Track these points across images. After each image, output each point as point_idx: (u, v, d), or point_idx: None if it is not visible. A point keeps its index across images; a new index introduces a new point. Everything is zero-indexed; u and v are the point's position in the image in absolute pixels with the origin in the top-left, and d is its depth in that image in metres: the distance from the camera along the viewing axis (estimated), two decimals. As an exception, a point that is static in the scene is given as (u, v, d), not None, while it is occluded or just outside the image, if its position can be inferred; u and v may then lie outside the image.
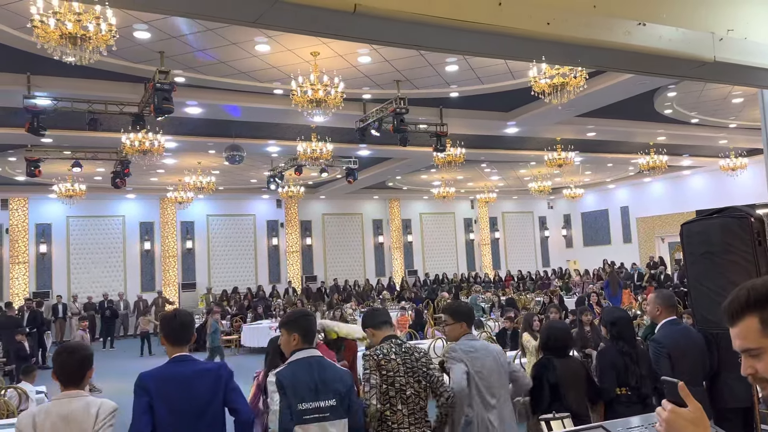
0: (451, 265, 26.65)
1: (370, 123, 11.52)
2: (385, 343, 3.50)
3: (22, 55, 8.96)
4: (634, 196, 25.70)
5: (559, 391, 3.80)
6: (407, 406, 3.33)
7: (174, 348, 3.22)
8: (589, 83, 9.74)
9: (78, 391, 3.05)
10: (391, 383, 3.33)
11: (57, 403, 3.00)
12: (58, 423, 2.89)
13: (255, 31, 8.67)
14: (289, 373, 3.15)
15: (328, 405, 3.12)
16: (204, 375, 3.15)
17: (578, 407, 3.76)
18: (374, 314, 3.77)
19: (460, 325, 3.77)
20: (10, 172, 16.50)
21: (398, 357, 3.39)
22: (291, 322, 3.34)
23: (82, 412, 2.94)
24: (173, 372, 3.13)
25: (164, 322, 3.32)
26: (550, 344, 4.06)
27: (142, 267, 21.47)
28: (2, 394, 6.79)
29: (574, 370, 4.01)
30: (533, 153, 17.26)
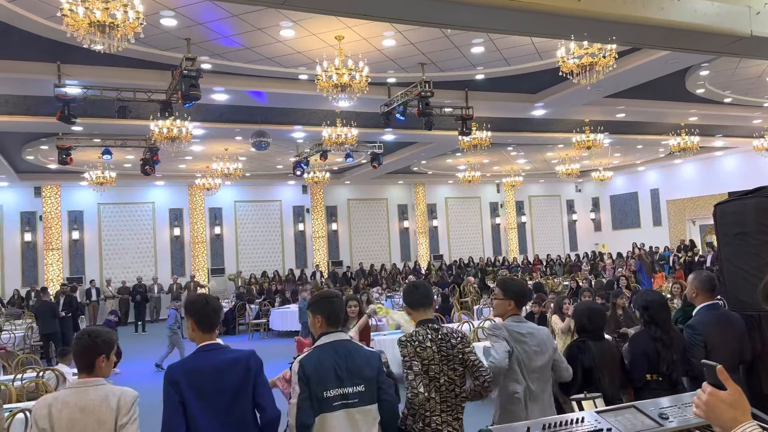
0: (476, 249, 26.54)
1: (395, 107, 11.47)
2: (421, 328, 3.34)
3: (52, 45, 9.11)
4: (664, 178, 25.23)
5: (593, 374, 3.72)
6: (440, 393, 3.22)
7: (204, 335, 3.07)
8: (618, 63, 9.54)
9: (95, 379, 2.91)
10: (425, 371, 3.21)
11: (73, 392, 2.89)
12: (75, 413, 2.78)
13: (280, 15, 8.68)
14: (314, 360, 3.07)
15: (355, 391, 3.04)
16: (234, 364, 3.02)
17: (612, 391, 3.66)
18: (414, 291, 3.51)
19: (509, 302, 3.62)
20: (43, 160, 16.86)
21: (434, 344, 3.25)
22: (313, 303, 3.28)
23: (100, 403, 2.83)
24: (203, 362, 2.99)
25: (194, 308, 3.12)
26: (587, 326, 3.95)
27: (172, 253, 21.84)
28: (40, 376, 6.99)
29: (609, 353, 3.91)
30: (561, 135, 17.03)
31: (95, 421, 2.80)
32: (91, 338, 2.96)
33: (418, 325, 3.37)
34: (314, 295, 3.41)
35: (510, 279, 3.90)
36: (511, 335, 3.45)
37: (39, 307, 13.48)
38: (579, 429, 2.11)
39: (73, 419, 2.78)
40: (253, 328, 16.28)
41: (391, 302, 15.88)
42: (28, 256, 20.01)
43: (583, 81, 9.27)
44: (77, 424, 2.78)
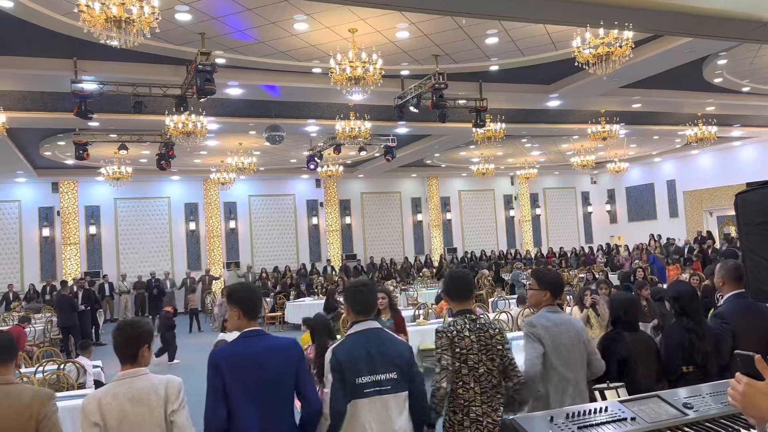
0: (490, 242, 26.47)
1: (409, 99, 11.45)
2: (459, 318, 3.32)
3: (68, 41, 9.19)
4: (681, 169, 24.96)
5: (628, 366, 3.66)
6: (480, 384, 3.20)
7: (249, 323, 3.10)
8: (635, 52, 9.42)
9: (138, 369, 2.93)
10: (464, 361, 3.19)
11: (120, 384, 2.87)
12: (125, 405, 2.79)
13: (293, 9, 8.68)
14: (346, 347, 3.09)
15: (388, 378, 3.05)
16: (275, 351, 3.04)
17: (648, 384, 3.59)
18: (454, 280, 3.48)
19: (544, 293, 3.57)
20: (60, 155, 17.04)
21: (472, 334, 3.23)
22: (344, 292, 3.32)
23: (149, 392, 2.84)
24: (245, 348, 3.00)
25: (240, 296, 3.13)
26: (623, 317, 3.89)
27: (188, 247, 22.01)
28: (62, 369, 7.09)
29: (645, 344, 3.84)
30: (576, 126, 16.90)
31: (146, 410, 2.81)
32: (134, 328, 2.98)
33: (456, 315, 3.35)
34: (347, 284, 3.44)
35: (544, 269, 3.87)
36: (546, 330, 3.40)
37: (58, 301, 13.67)
38: (602, 418, 2.11)
39: (123, 410, 2.78)
40: (269, 321, 16.40)
41: (405, 296, 15.90)
42: (47, 250, 20.27)
43: (599, 71, 9.17)
44: (128, 415, 2.78)
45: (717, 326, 4.04)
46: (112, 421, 2.76)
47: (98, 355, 9.06)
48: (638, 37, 10.02)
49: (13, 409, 2.67)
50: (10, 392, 2.72)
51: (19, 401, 2.70)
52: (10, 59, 9.85)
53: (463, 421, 3.17)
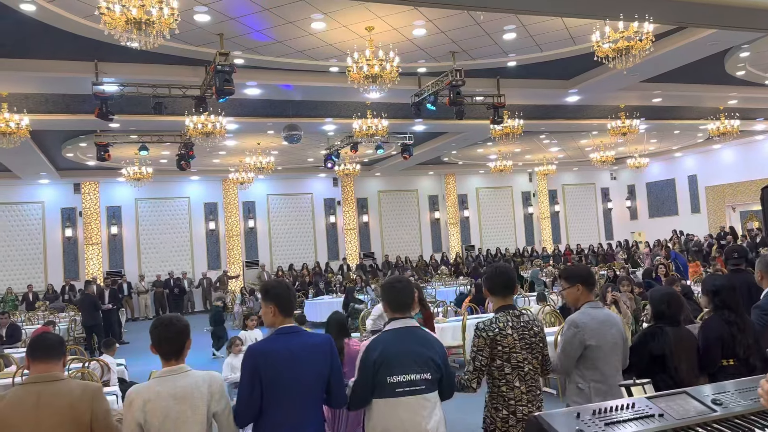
0: (509, 239, 26.33)
1: (426, 97, 11.42)
2: (501, 314, 3.22)
3: (89, 43, 9.31)
4: (702, 163, 24.62)
5: (666, 362, 3.59)
6: (525, 383, 3.11)
7: (285, 319, 3.07)
8: (655, 46, 9.31)
9: (181, 366, 2.90)
10: (506, 359, 3.10)
11: (164, 381, 2.83)
12: (169, 403, 2.76)
13: (311, 8, 8.71)
14: (381, 345, 3.04)
15: (422, 378, 2.98)
16: (310, 348, 3.02)
17: (689, 379, 3.51)
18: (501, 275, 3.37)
19: (576, 287, 3.49)
20: (81, 157, 17.27)
21: (515, 332, 3.14)
22: (380, 289, 3.29)
23: (192, 389, 2.81)
24: (281, 344, 2.98)
25: (276, 293, 3.09)
26: (666, 312, 3.80)
27: (208, 246, 22.21)
28: (86, 367, 7.19)
29: (687, 340, 3.76)
30: (595, 122, 16.75)
31: (189, 408, 2.79)
32: (179, 323, 2.96)
33: (498, 311, 3.26)
34: (383, 282, 3.42)
35: (570, 266, 3.83)
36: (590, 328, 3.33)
37: (82, 301, 13.86)
38: (629, 414, 2.09)
39: (167, 408, 2.76)
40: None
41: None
42: (69, 251, 20.57)
43: (618, 65, 9.06)
44: (171, 412, 2.76)
45: (757, 318, 4.00)
46: (155, 419, 2.74)
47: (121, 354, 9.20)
48: (658, 30, 9.90)
49: (66, 402, 2.72)
50: (60, 388, 2.76)
51: (71, 395, 2.74)
52: (32, 62, 10.01)
53: (508, 419, 3.10)
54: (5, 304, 17.84)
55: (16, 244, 19.93)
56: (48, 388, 2.73)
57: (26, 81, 10.60)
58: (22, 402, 2.69)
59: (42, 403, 2.68)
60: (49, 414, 2.67)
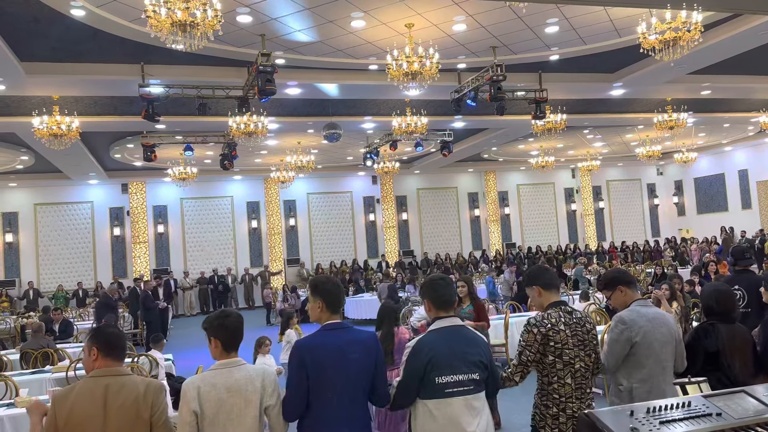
0: (551, 237, 25.92)
1: (466, 93, 11.33)
2: (553, 310, 3.18)
3: (136, 46, 9.56)
4: (753, 157, 23.74)
5: (720, 359, 3.50)
6: (575, 380, 3.08)
7: (332, 315, 3.09)
8: (704, 36, 9.02)
9: (237, 359, 2.96)
10: (558, 356, 3.07)
11: (220, 373, 2.90)
12: (222, 394, 2.82)
13: (351, 6, 8.74)
14: (427, 345, 3.02)
15: (470, 378, 2.97)
16: (356, 344, 3.03)
17: (744, 377, 3.41)
18: (544, 271, 3.38)
19: (618, 290, 3.48)
20: (129, 158, 17.76)
21: (568, 328, 3.11)
22: (421, 288, 3.26)
23: (245, 382, 2.87)
24: (328, 340, 3.01)
25: (325, 288, 3.13)
26: (715, 308, 3.71)
27: (251, 244, 22.57)
28: (136, 362, 7.39)
29: (741, 337, 3.65)
30: (641, 116, 16.33)
31: (243, 401, 2.84)
32: (239, 316, 3.05)
33: (549, 308, 3.23)
34: (424, 281, 3.38)
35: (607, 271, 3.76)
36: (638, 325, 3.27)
37: (133, 296, 14.22)
38: (685, 413, 2.02)
39: (221, 400, 2.82)
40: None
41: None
42: (118, 249, 21.19)
43: (665, 57, 8.82)
44: (225, 404, 2.82)
45: None
46: (209, 410, 2.80)
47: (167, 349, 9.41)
48: (708, 20, 9.60)
49: (132, 396, 2.80)
50: (126, 382, 2.85)
51: (137, 390, 2.83)
52: (82, 66, 10.34)
53: (558, 416, 3.07)
54: (56, 300, 18.48)
55: (67, 243, 20.64)
56: (116, 381, 2.82)
57: (76, 84, 10.96)
58: (92, 393, 2.78)
59: (110, 395, 2.77)
60: (117, 406, 2.76)
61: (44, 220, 20.47)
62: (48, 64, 10.15)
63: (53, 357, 8.56)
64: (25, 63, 9.89)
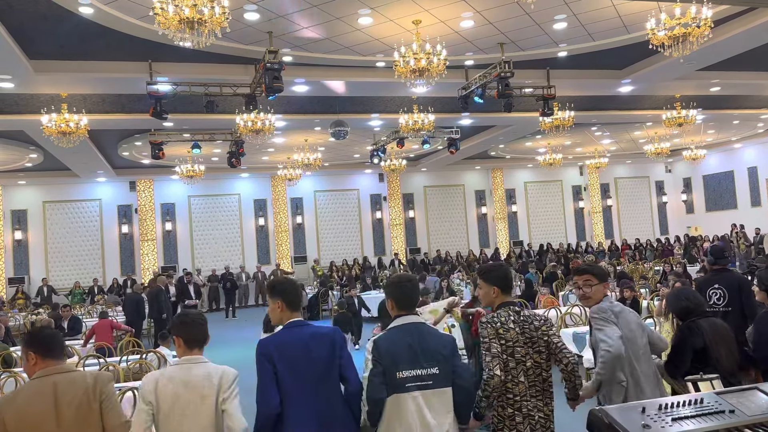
0: (559, 234, 25.83)
1: (473, 90, 11.29)
2: (503, 310, 3.29)
3: (143, 44, 9.58)
4: (763, 155, 23.56)
5: (708, 353, 3.52)
6: (528, 378, 3.17)
7: (292, 314, 3.21)
8: (714, 32, 8.94)
9: (199, 356, 3.06)
10: (510, 354, 3.16)
11: (179, 368, 3.01)
12: (179, 388, 2.91)
13: (358, 3, 8.73)
14: (388, 341, 3.10)
15: (429, 373, 3.04)
16: (320, 338, 3.14)
17: (731, 368, 3.47)
18: (506, 273, 3.46)
19: (604, 285, 3.55)
20: (137, 155, 17.82)
21: (517, 326, 3.21)
22: (387, 287, 3.34)
23: (203, 379, 2.95)
24: (292, 336, 3.12)
25: (283, 288, 3.25)
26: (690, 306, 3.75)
27: (258, 241, 22.61)
28: (144, 358, 7.42)
29: (722, 328, 3.70)
30: (650, 113, 16.23)
31: (198, 396, 2.92)
32: (203, 317, 3.18)
33: (500, 308, 3.33)
34: (388, 279, 3.46)
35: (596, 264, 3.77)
36: (617, 316, 3.31)
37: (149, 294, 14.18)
38: (698, 410, 2.00)
39: (177, 394, 2.91)
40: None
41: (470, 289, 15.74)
42: (126, 246, 21.28)
43: (674, 54, 8.76)
44: (181, 398, 2.90)
45: None
46: (165, 403, 2.89)
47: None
48: (717, 16, 9.52)
49: (82, 389, 2.86)
50: (75, 377, 2.91)
51: (85, 383, 2.89)
52: (90, 64, 10.37)
53: (514, 416, 3.14)
54: (73, 297, 18.58)
55: (75, 241, 20.75)
56: (64, 378, 2.88)
57: (84, 82, 11.00)
58: (41, 392, 2.83)
59: (59, 391, 2.83)
60: (68, 401, 2.82)
61: (53, 217, 20.59)
62: (56, 62, 10.19)
63: (62, 353, 8.59)
64: (34, 61, 9.93)
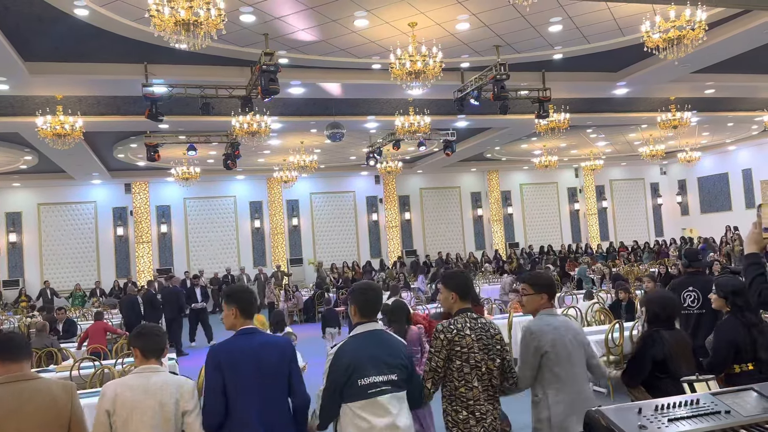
0: (554, 236, 25.88)
1: (469, 92, 11.32)
2: (460, 317, 3.32)
3: (139, 46, 9.57)
4: (757, 157, 23.68)
5: (667, 365, 3.54)
6: (482, 382, 3.22)
7: (245, 321, 3.23)
8: (708, 35, 9.00)
9: (158, 366, 3.11)
10: (465, 360, 3.20)
11: (139, 376, 3.05)
12: (138, 395, 2.94)
13: (354, 5, 8.74)
14: (351, 348, 3.14)
15: (389, 379, 3.10)
16: (270, 347, 3.17)
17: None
18: (465, 280, 3.49)
19: (540, 296, 3.47)
20: (132, 157, 17.79)
21: (473, 333, 3.25)
22: (350, 294, 3.38)
23: (161, 387, 2.98)
24: (242, 343, 3.14)
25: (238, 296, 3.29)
26: (661, 315, 3.77)
27: (254, 244, 22.60)
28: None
29: (684, 341, 3.73)
30: (644, 115, 16.30)
31: (157, 403, 2.95)
32: (161, 329, 3.31)
33: (458, 314, 3.35)
34: (352, 286, 3.50)
35: (538, 273, 3.78)
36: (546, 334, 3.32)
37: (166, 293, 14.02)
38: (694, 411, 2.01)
39: (135, 401, 2.94)
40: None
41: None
42: (121, 249, 21.23)
43: (669, 56, 8.81)
44: (139, 405, 2.93)
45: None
46: (123, 410, 2.91)
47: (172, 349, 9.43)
48: (711, 19, 9.57)
49: (50, 397, 2.83)
50: (39, 387, 2.88)
51: (52, 391, 2.87)
52: (85, 66, 10.36)
53: (468, 420, 3.19)
54: (74, 299, 18.49)
55: (70, 243, 20.69)
56: (28, 386, 2.85)
57: (80, 84, 10.97)
58: (4, 400, 2.78)
59: (24, 400, 2.79)
60: (31, 411, 2.79)
61: (48, 220, 20.52)
62: (51, 64, 10.17)
63: (57, 356, 8.56)
64: (29, 63, 9.91)
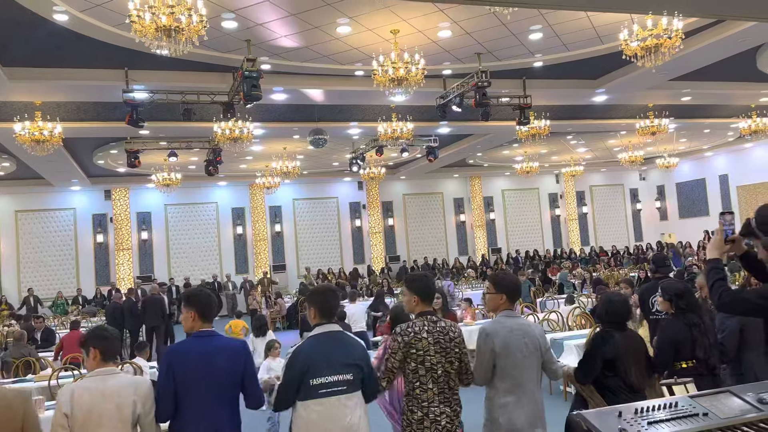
0: (536, 242, 26.08)
1: (451, 99, 11.40)
2: (419, 320, 3.38)
3: (119, 52, 9.49)
4: (733, 163, 24.12)
5: (617, 365, 3.63)
6: (438, 385, 3.28)
7: (204, 324, 3.27)
8: (684, 43, 9.15)
9: (113, 368, 3.16)
10: (420, 362, 3.26)
11: (95, 379, 3.08)
12: (95, 398, 2.98)
13: (336, 12, 8.76)
14: (306, 349, 3.22)
15: (344, 379, 3.17)
16: (224, 350, 3.22)
17: (639, 381, 3.60)
18: (428, 283, 3.54)
19: (500, 296, 3.52)
20: (112, 164, 17.60)
21: (430, 336, 3.31)
22: (309, 296, 3.45)
23: (118, 389, 3.02)
24: (198, 346, 3.19)
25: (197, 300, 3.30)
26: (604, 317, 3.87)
27: (236, 250, 22.45)
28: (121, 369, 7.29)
29: (635, 343, 3.82)
30: (623, 122, 16.52)
31: (114, 406, 2.98)
32: (116, 331, 3.30)
33: (419, 317, 3.41)
34: (311, 289, 3.56)
35: (502, 273, 3.83)
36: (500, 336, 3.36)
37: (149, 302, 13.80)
38: (673, 413, 2.05)
39: (92, 403, 2.97)
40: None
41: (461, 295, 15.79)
42: (101, 256, 20.96)
43: (647, 64, 8.95)
44: (96, 408, 2.96)
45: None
46: (80, 413, 2.93)
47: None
48: (688, 27, 9.75)
49: (4, 403, 2.81)
50: None
51: (6, 399, 2.85)
52: (65, 71, 10.24)
53: (422, 420, 3.24)
54: (56, 307, 18.19)
55: (49, 251, 20.37)
56: None
57: (59, 90, 10.85)
58: None
59: None
60: None
61: (26, 227, 20.20)
62: (30, 69, 10.04)
63: (35, 366, 8.43)
64: (7, 68, 9.77)
